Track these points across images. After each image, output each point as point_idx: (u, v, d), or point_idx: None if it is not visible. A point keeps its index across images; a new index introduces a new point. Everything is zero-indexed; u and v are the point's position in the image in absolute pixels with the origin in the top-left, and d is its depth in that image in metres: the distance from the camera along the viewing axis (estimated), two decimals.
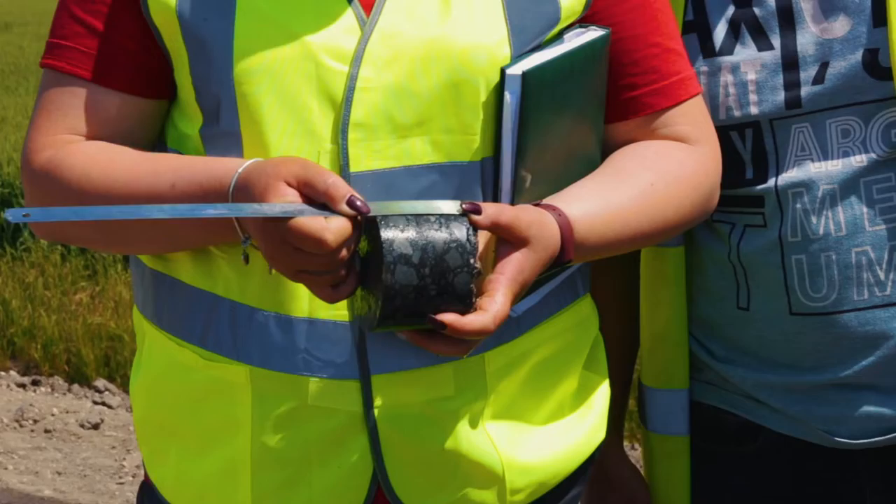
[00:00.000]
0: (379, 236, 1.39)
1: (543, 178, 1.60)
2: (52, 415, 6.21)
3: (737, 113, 1.79)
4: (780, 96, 1.77)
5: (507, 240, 1.45)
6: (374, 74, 1.53)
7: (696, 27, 1.81)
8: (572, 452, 1.72)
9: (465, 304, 1.41)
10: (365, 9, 1.55)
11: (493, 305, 1.41)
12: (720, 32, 1.80)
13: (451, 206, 1.43)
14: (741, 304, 1.85)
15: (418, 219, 1.41)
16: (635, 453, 5.52)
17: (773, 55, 1.77)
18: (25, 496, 5.16)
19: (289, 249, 1.40)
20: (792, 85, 1.76)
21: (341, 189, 1.38)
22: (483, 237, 1.45)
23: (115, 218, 1.45)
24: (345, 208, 1.38)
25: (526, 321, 1.63)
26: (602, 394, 1.78)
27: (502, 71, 1.54)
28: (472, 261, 1.40)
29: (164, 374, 1.70)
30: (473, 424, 1.60)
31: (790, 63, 1.76)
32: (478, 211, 1.41)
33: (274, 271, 1.48)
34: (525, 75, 1.53)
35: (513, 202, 1.56)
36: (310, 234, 1.37)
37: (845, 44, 1.74)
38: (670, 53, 1.69)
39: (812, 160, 1.77)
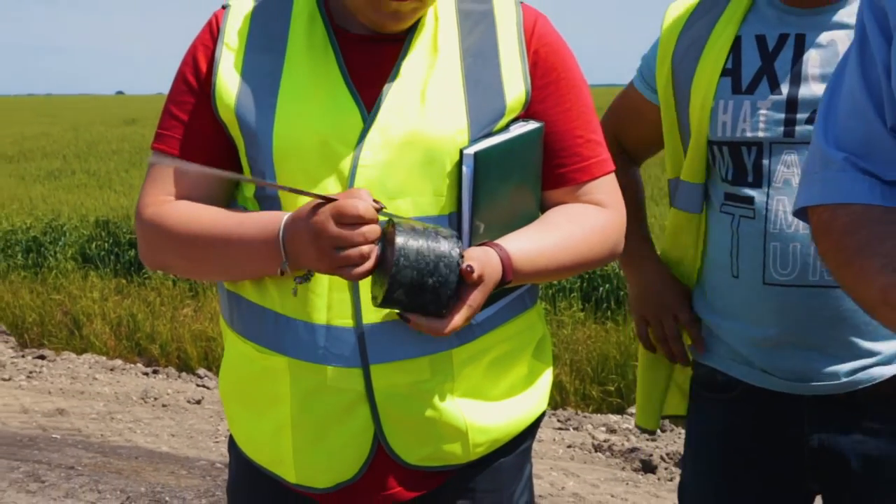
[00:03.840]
0: (394, 240, 1.40)
1: (493, 227, 1.59)
2: (168, 394, 6.21)
3: (749, 134, 1.79)
4: (781, 128, 1.77)
5: None
6: (371, 155, 1.53)
7: (732, 73, 1.82)
8: (520, 419, 1.71)
9: (448, 297, 1.44)
10: (367, 106, 1.56)
11: (451, 319, 1.46)
12: (747, 79, 1.81)
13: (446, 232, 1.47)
14: (734, 273, 1.84)
15: (424, 234, 1.42)
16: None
17: (781, 99, 1.77)
18: (149, 451, 5.15)
19: (330, 227, 1.42)
20: (790, 122, 1.76)
21: (365, 192, 1.44)
22: None
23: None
24: (369, 201, 1.43)
25: (484, 326, 1.62)
26: (545, 377, 1.77)
27: (461, 151, 1.54)
28: (458, 266, 1.43)
29: (234, 362, 1.71)
30: (445, 399, 1.60)
31: (791, 106, 1.77)
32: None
33: (296, 291, 1.53)
34: (476, 155, 1.53)
35: (470, 243, 1.56)
36: (347, 205, 1.41)
37: None
38: (590, 143, 1.67)
39: (794, 176, 1.76)
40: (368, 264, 1.43)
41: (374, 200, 1.43)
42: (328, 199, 1.44)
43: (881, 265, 1.13)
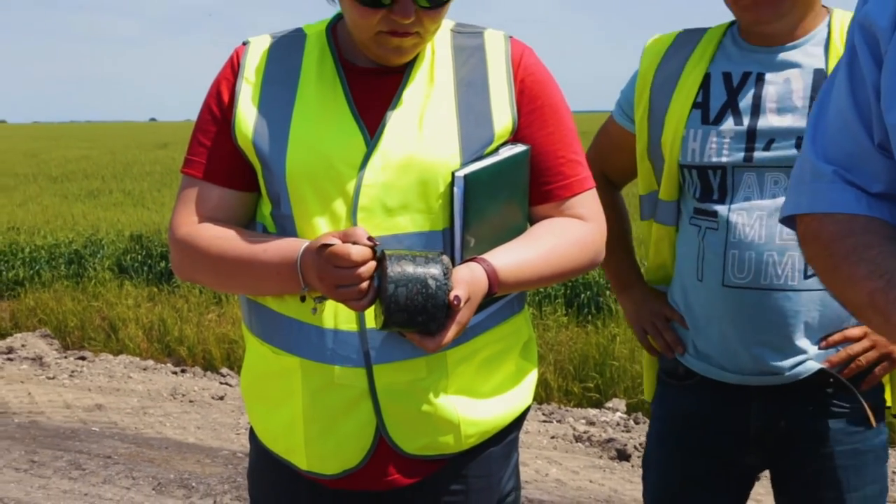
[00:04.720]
0: (387, 273, 1.39)
1: (484, 241, 1.59)
2: (194, 391, 6.18)
3: (714, 159, 1.82)
4: (742, 154, 1.80)
5: None
6: (373, 176, 1.53)
7: (701, 106, 1.86)
8: (507, 413, 1.71)
9: (439, 321, 1.43)
10: (370, 132, 1.56)
11: (442, 337, 1.45)
12: (714, 111, 1.84)
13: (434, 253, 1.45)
14: (699, 277, 1.88)
15: (414, 263, 1.41)
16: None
17: (742, 129, 1.80)
18: (178, 443, 5.13)
19: (330, 268, 1.42)
20: (750, 149, 1.79)
21: (361, 232, 1.43)
22: None
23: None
24: (364, 241, 1.42)
25: (476, 329, 1.62)
26: (531, 375, 1.76)
27: (452, 174, 1.54)
28: (446, 294, 1.41)
29: (253, 361, 1.71)
30: (440, 395, 1.60)
31: (751, 135, 1.80)
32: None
33: (316, 310, 1.52)
34: (466, 177, 1.53)
35: (462, 256, 1.56)
36: (340, 252, 1.41)
37: (787, 131, 1.78)
38: (572, 162, 1.67)
39: (753, 195, 1.80)
40: (367, 299, 1.44)
41: (369, 238, 1.42)
42: (327, 246, 1.44)
43: (868, 271, 1.11)
